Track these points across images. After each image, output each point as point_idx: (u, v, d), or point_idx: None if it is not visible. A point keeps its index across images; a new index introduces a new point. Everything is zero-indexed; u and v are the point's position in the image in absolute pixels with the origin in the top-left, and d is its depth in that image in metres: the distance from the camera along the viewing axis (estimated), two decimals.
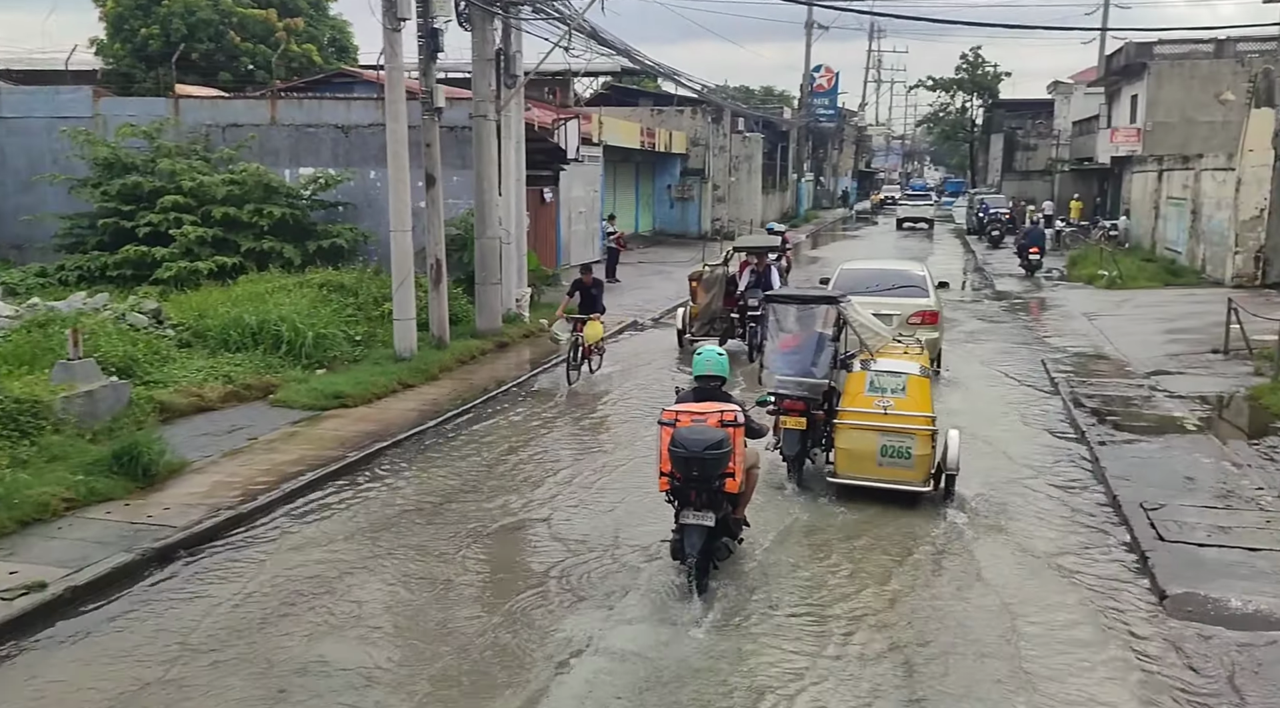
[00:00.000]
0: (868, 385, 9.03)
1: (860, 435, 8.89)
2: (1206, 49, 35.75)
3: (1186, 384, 13.38)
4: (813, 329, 9.55)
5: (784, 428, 9.19)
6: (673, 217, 41.34)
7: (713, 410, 6.93)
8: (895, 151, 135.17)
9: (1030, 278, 29.74)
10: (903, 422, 8.77)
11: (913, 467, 8.74)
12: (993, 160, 65.98)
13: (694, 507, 6.83)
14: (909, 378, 9.01)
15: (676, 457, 6.75)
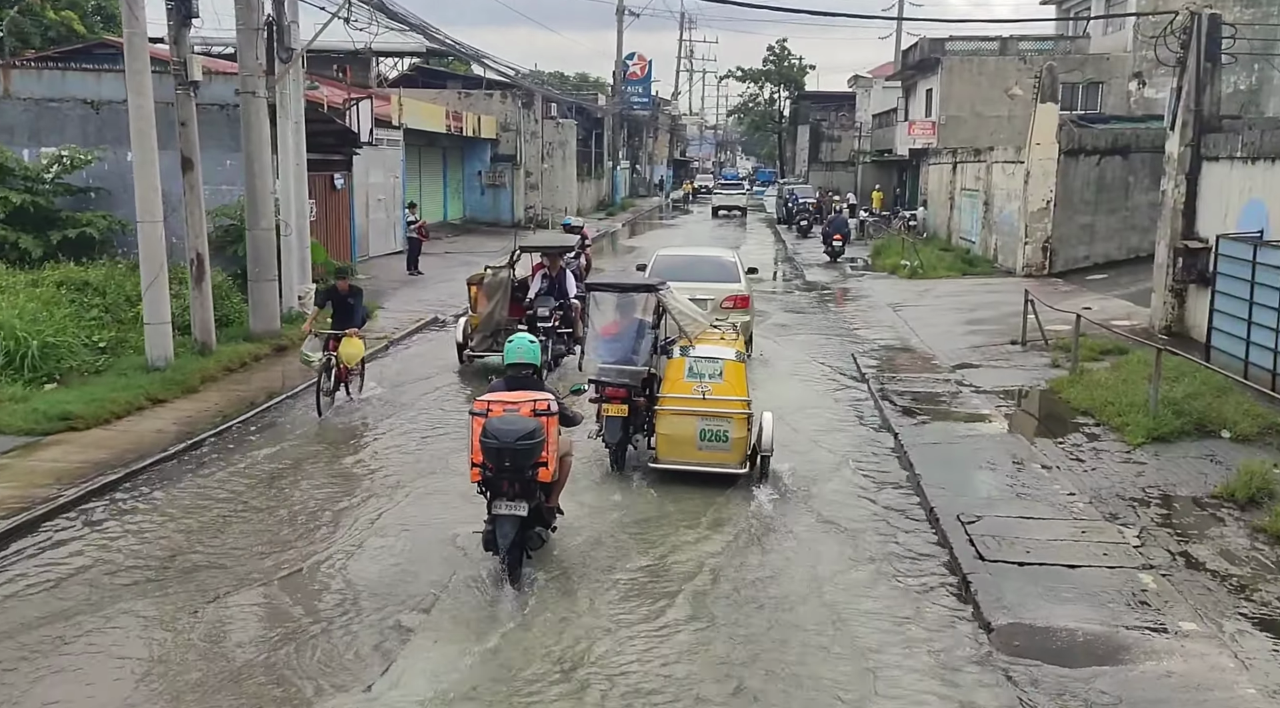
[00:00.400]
0: (687, 371, 9.23)
1: (680, 421, 9.07)
2: (992, 47, 37.46)
3: (990, 378, 13.39)
4: (633, 317, 9.77)
5: (606, 415, 9.27)
6: (484, 204, 39.81)
7: (525, 400, 6.86)
8: (709, 141, 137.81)
9: (835, 264, 30.27)
10: (720, 406, 9.01)
11: (730, 449, 9.01)
12: (800, 151, 67.71)
13: (506, 497, 6.74)
14: (726, 363, 9.27)
15: (488, 447, 6.63)
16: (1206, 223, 15.08)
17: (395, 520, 8.16)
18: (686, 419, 9.04)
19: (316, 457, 10.08)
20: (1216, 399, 10.87)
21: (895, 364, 14.50)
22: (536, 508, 6.92)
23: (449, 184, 37.85)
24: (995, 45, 37.41)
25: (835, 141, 58.09)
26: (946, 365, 14.30)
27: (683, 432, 9.05)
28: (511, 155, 39.36)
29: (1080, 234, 23.30)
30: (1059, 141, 22.79)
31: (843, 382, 13.61)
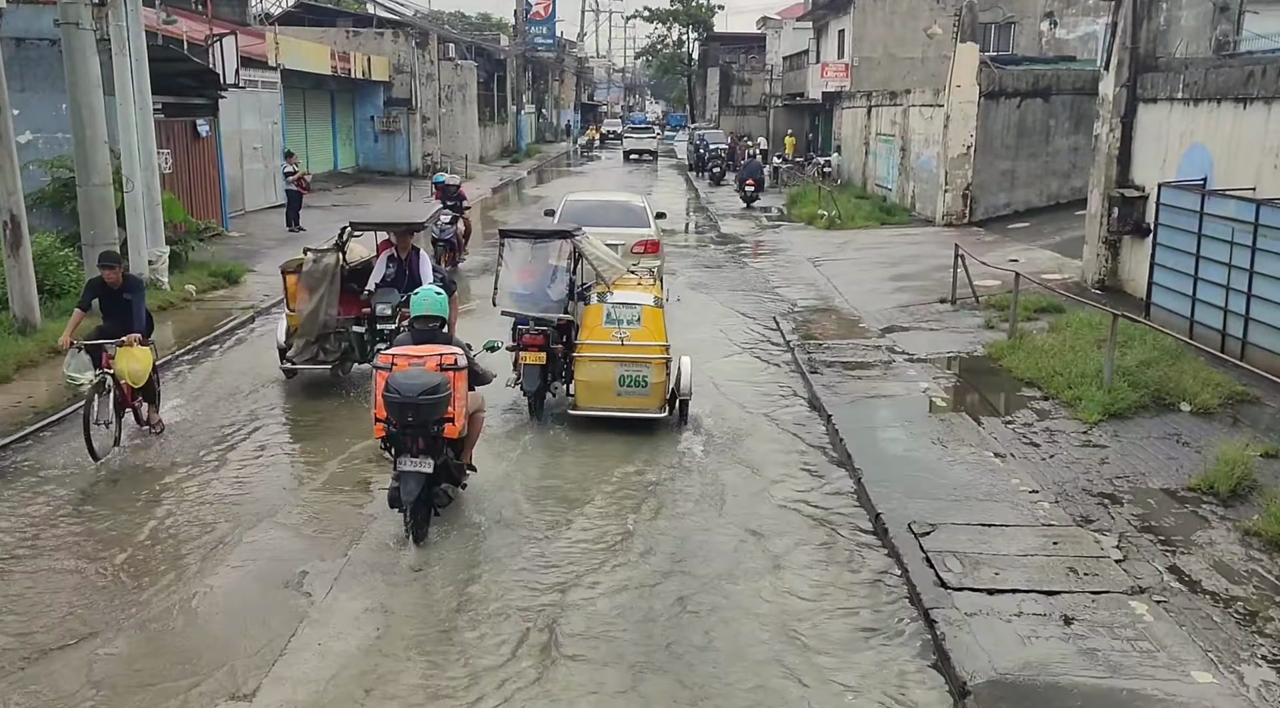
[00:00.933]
0: (605, 317, 9.16)
1: (599, 367, 9.04)
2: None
3: (923, 343, 12.29)
4: (548, 263, 9.50)
5: (524, 364, 9.17)
6: (378, 152, 37.31)
7: (431, 354, 6.72)
8: (617, 84, 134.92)
9: (750, 210, 29.13)
10: (639, 351, 9.01)
11: (649, 394, 9.05)
12: (710, 94, 66.10)
13: (411, 453, 6.54)
14: (644, 309, 9.22)
15: (390, 402, 6.46)
16: (1143, 170, 14.18)
17: None
18: (605, 365, 9.01)
19: (76, 522, 7.08)
20: (1171, 367, 9.94)
21: (821, 329, 13.30)
22: (443, 465, 6.77)
23: (339, 131, 35.26)
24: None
25: (746, 85, 56.61)
26: (875, 329, 13.16)
27: (602, 378, 9.02)
28: (406, 99, 36.85)
29: (1001, 181, 22.45)
30: (979, 83, 21.78)
31: (766, 352, 12.35)
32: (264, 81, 24.63)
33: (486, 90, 52.29)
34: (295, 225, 21.43)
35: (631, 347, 9.01)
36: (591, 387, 9.08)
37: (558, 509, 7.43)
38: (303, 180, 21.46)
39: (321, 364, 10.27)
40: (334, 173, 34.05)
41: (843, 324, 13.65)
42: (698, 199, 33.43)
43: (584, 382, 9.11)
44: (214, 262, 16.10)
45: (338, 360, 10.32)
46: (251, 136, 23.71)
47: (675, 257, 19.77)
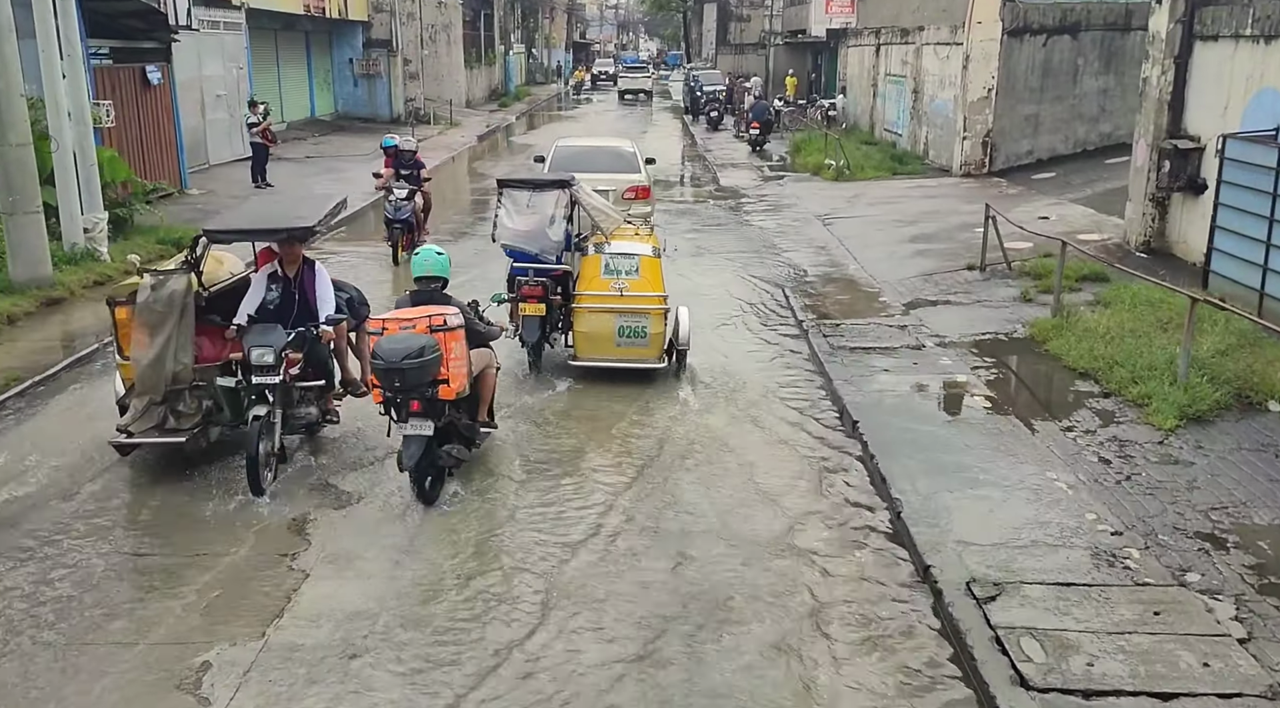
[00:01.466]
0: (603, 268, 9.14)
1: (598, 318, 9.04)
2: None
3: (954, 321, 10.87)
4: (546, 214, 9.26)
5: (523, 315, 9.10)
6: (358, 97, 35.38)
7: (421, 315, 6.56)
8: (610, 22, 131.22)
9: (757, 153, 27.64)
10: (638, 302, 8.99)
11: (648, 345, 9.06)
12: (706, 33, 63.55)
13: (413, 415, 6.45)
14: (642, 259, 9.19)
15: (377, 368, 6.39)
16: (1200, 118, 12.61)
17: None
18: (604, 316, 9.02)
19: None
20: (1252, 355, 8.55)
21: (837, 303, 11.85)
22: (449, 426, 6.70)
23: (315, 75, 33.30)
24: None
25: (745, 22, 54.20)
26: (898, 304, 11.71)
27: (601, 329, 9.04)
28: (387, 41, 34.81)
29: (1024, 127, 20.82)
30: (1002, 19, 20.02)
31: (775, 334, 10.89)
32: (227, 22, 22.78)
33: (473, 30, 50.03)
34: (262, 181, 19.82)
35: (630, 297, 8.99)
36: (591, 338, 9.08)
37: None
38: (268, 132, 19.77)
39: (172, 437, 7.00)
40: (311, 121, 32.23)
41: (860, 297, 12.19)
42: (694, 146, 31.69)
43: (583, 333, 9.10)
44: (164, 226, 14.55)
45: (197, 429, 7.03)
46: (215, 83, 21.95)
47: (671, 215, 18.26)
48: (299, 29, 31.11)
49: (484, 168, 26.10)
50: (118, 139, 15.88)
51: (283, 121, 29.86)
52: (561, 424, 8.21)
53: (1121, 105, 20.55)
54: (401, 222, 13.50)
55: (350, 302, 7.76)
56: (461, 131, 34.13)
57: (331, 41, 34.68)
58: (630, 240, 9.55)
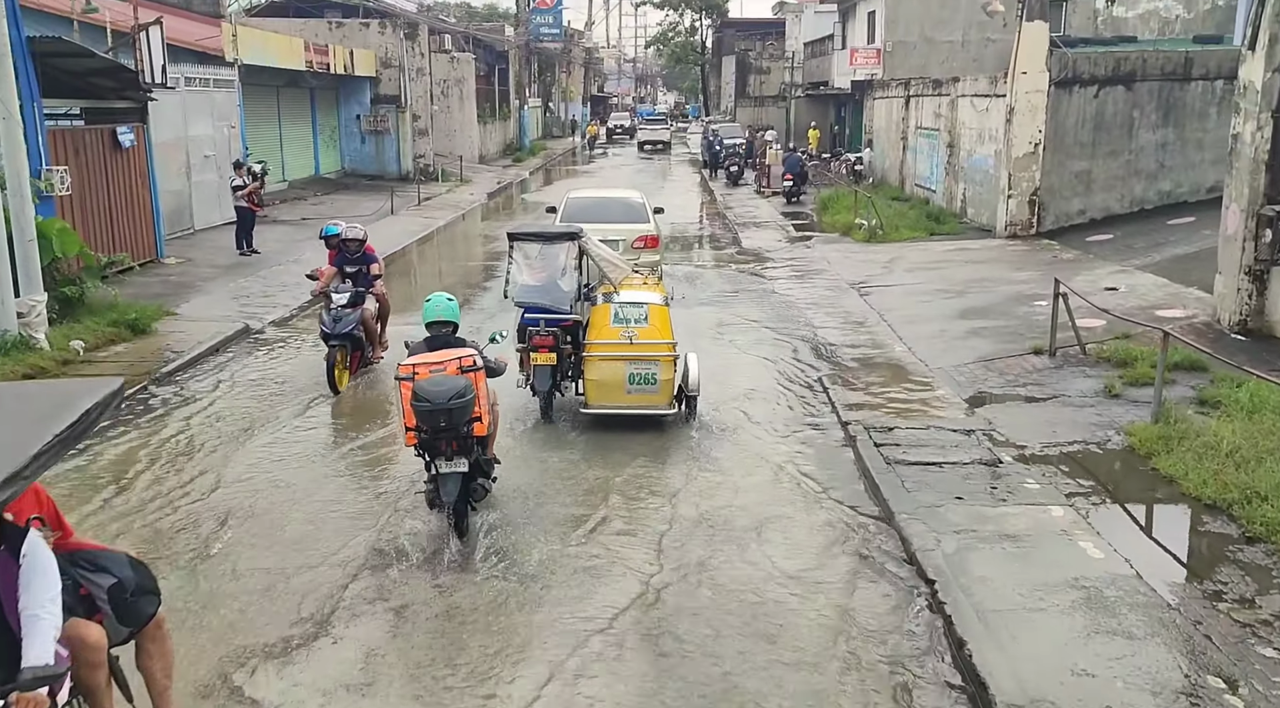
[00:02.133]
0: (613, 317, 9.28)
1: (609, 366, 9.14)
2: None
3: (1030, 424, 9.06)
4: (556, 264, 9.42)
5: (534, 364, 9.21)
6: (366, 154, 34.24)
7: (450, 358, 6.84)
8: (628, 76, 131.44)
9: (792, 202, 26.36)
10: (647, 349, 9.10)
11: (658, 391, 9.15)
12: (725, 85, 62.58)
13: (446, 456, 6.74)
14: (650, 307, 9.37)
15: (421, 411, 6.58)
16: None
17: None
18: (615, 364, 9.13)
19: None
20: None
21: (884, 398, 10.07)
22: (475, 461, 6.96)
23: (320, 132, 32.17)
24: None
25: (764, 74, 53.13)
26: (958, 399, 9.92)
27: (612, 376, 9.14)
28: (395, 96, 33.74)
29: (1074, 184, 19.11)
30: (1049, 69, 18.42)
31: (812, 438, 9.12)
32: (218, 79, 21.52)
33: (487, 84, 49.19)
34: (247, 248, 18.33)
35: (640, 345, 9.10)
36: (602, 385, 9.18)
37: None
38: (255, 195, 18.32)
39: None
40: (315, 179, 31.01)
41: (911, 388, 10.40)
42: (713, 202, 30.17)
43: (594, 380, 9.20)
44: (121, 304, 12.97)
45: None
46: (202, 143, 20.61)
47: (688, 281, 16.67)
48: (303, 85, 30.03)
49: (491, 228, 24.60)
50: (80, 207, 14.43)
51: (284, 180, 28.66)
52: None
53: (1182, 161, 18.89)
54: (341, 337, 10.28)
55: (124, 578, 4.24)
56: (471, 189, 32.83)
57: (339, 98, 33.64)
58: (639, 289, 9.78)
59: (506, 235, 9.78)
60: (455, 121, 42.34)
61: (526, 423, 9.39)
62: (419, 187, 29.95)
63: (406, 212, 25.99)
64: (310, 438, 9.20)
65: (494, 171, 40.12)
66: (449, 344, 7.05)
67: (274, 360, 11.91)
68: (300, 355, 12.05)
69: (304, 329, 13.48)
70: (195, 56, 22.53)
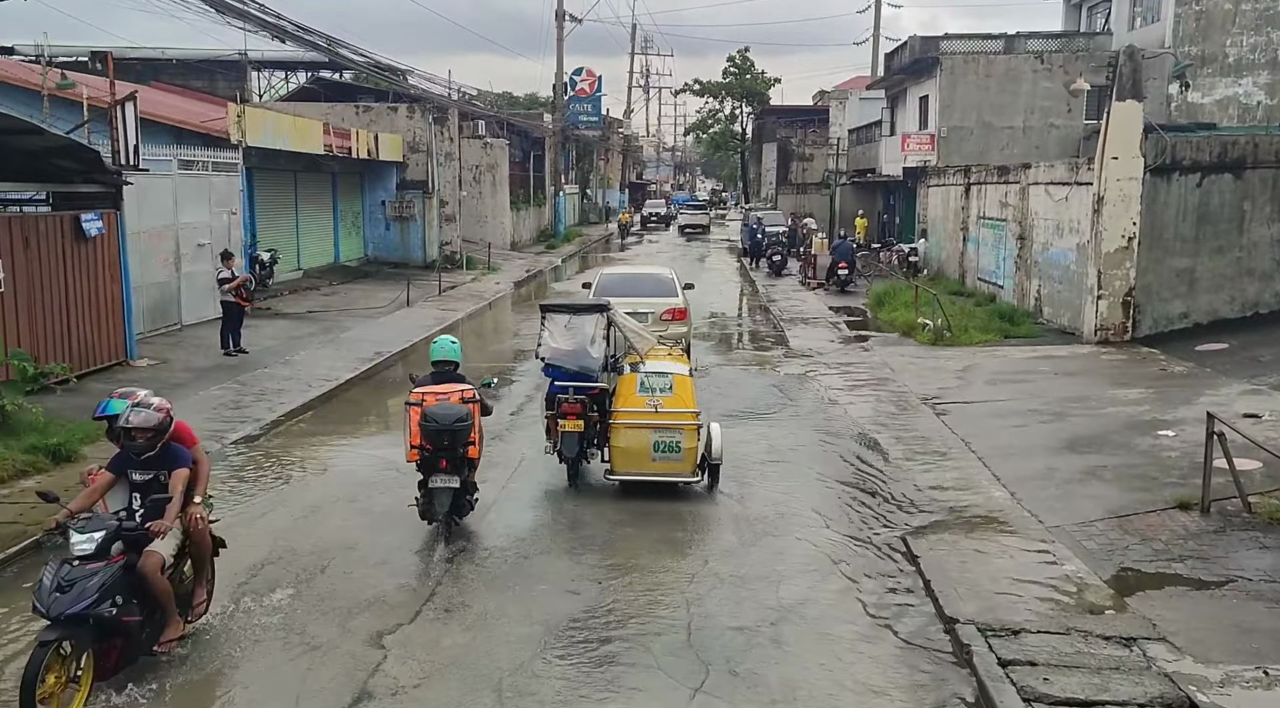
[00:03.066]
0: (639, 386, 9.55)
1: (634, 433, 9.32)
2: (996, 46, 31.12)
3: (1207, 627, 6.51)
4: (586, 333, 9.72)
5: (562, 431, 9.41)
6: (390, 241, 32.65)
7: (454, 390, 8.26)
8: (666, 163, 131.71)
9: (843, 293, 24.21)
10: (672, 418, 9.30)
11: (682, 459, 9.32)
12: (765, 172, 61.20)
13: (442, 472, 8.01)
14: (675, 378, 9.68)
15: (428, 430, 7.90)
16: None
17: None
18: (640, 432, 9.29)
19: None
20: None
21: (993, 574, 7.55)
22: (464, 481, 8.15)
23: (342, 218, 30.63)
24: (998, 45, 31.08)
25: (807, 161, 51.56)
26: (1095, 579, 7.38)
27: (637, 444, 9.31)
28: (423, 181, 32.25)
29: (1175, 283, 16.67)
30: (1144, 154, 16.17)
31: (904, 652, 6.61)
32: (217, 162, 19.89)
33: (522, 170, 48.08)
34: (234, 347, 16.33)
35: (664, 413, 9.30)
36: (627, 452, 9.34)
37: None
38: (243, 289, 16.40)
39: None
40: (333, 267, 29.35)
41: (1027, 560, 7.85)
42: (755, 293, 28.03)
43: (620, 447, 9.36)
44: (55, 421, 10.88)
45: None
46: (197, 231, 18.85)
47: (726, 390, 14.34)
48: (324, 170, 28.59)
49: (515, 322, 22.54)
50: (26, 305, 12.52)
51: (299, 268, 27.02)
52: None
53: None
54: (67, 623, 5.50)
55: None
56: (498, 277, 31.01)
57: (364, 183, 32.22)
58: (664, 360, 10.14)
59: (539, 307, 10.29)
60: (487, 208, 40.99)
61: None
62: (442, 275, 28.16)
63: (425, 303, 24.08)
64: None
65: (525, 259, 38.45)
66: (452, 379, 8.49)
67: (220, 506, 9.67)
68: (252, 499, 9.81)
69: (276, 452, 11.31)
70: (201, 139, 21.05)
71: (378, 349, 17.34)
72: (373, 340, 18.23)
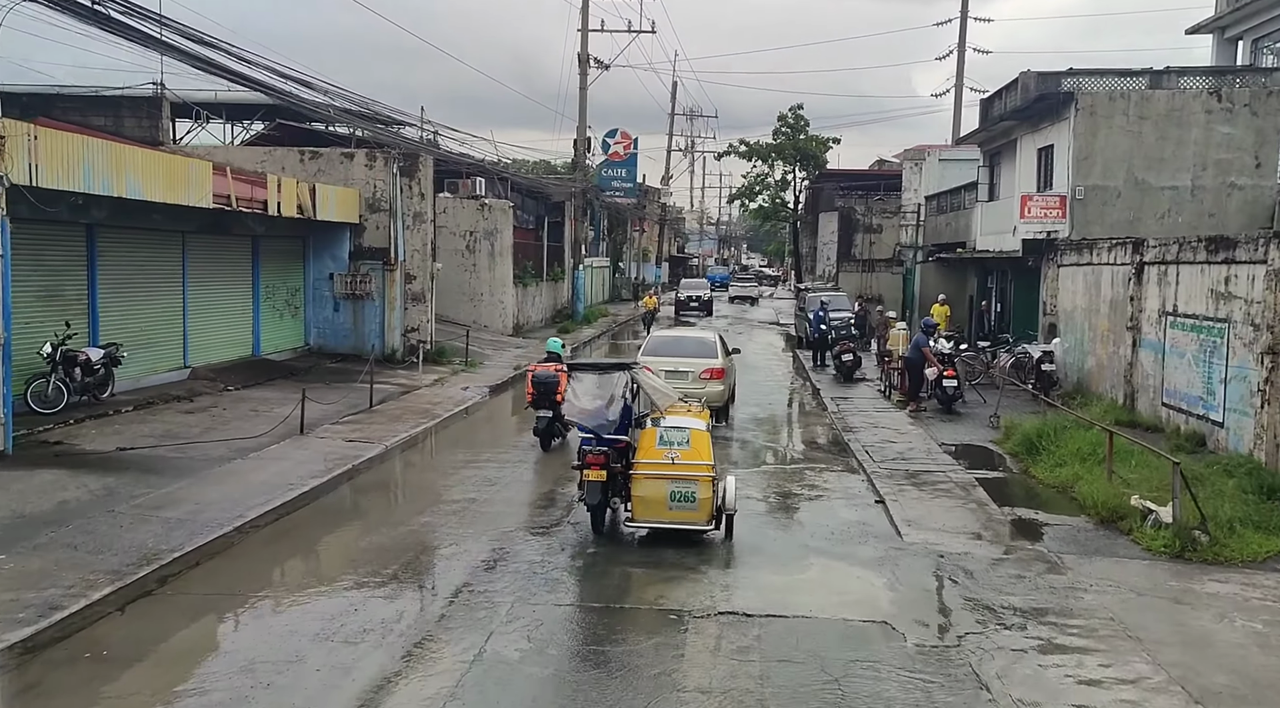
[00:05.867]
0: (658, 440, 10.29)
1: (653, 484, 10.09)
2: (1139, 84, 23.15)
3: None
4: (607, 393, 10.58)
5: (587, 480, 10.35)
6: (340, 326, 25.03)
7: (552, 365, 15.02)
8: (710, 236, 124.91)
9: (949, 412, 16.19)
10: (688, 470, 10.05)
11: (698, 509, 10.05)
12: (823, 246, 53.20)
13: (543, 408, 14.55)
14: (692, 432, 10.36)
15: (536, 382, 14.69)
16: None
17: None
18: (658, 482, 10.05)
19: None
20: None
21: None
22: (554, 414, 14.19)
23: (265, 295, 23.05)
24: (1142, 83, 23.08)
25: (874, 232, 43.49)
26: None
27: (655, 493, 10.06)
28: (384, 249, 24.74)
29: None
30: None
31: None
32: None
33: (536, 239, 40.69)
34: None
35: (681, 465, 10.04)
36: (646, 501, 10.10)
37: None
38: None
39: None
40: (249, 362, 21.71)
41: None
42: (821, 411, 19.81)
43: (639, 496, 10.14)
44: None
45: None
46: None
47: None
48: (236, 231, 21.14)
49: (456, 463, 14.42)
50: None
51: (184, 365, 19.41)
52: None
53: None
54: None
55: None
56: (473, 377, 23.17)
57: (307, 250, 24.79)
58: (683, 416, 10.86)
59: (568, 366, 11.99)
60: (482, 282, 33.52)
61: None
62: (400, 372, 20.39)
63: (336, 424, 16.25)
64: None
65: (526, 347, 30.64)
66: (552, 359, 15.35)
67: None
68: None
69: None
70: None
71: (145, 553, 9.35)
72: (171, 520, 10.31)
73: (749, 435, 17.16)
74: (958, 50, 40.95)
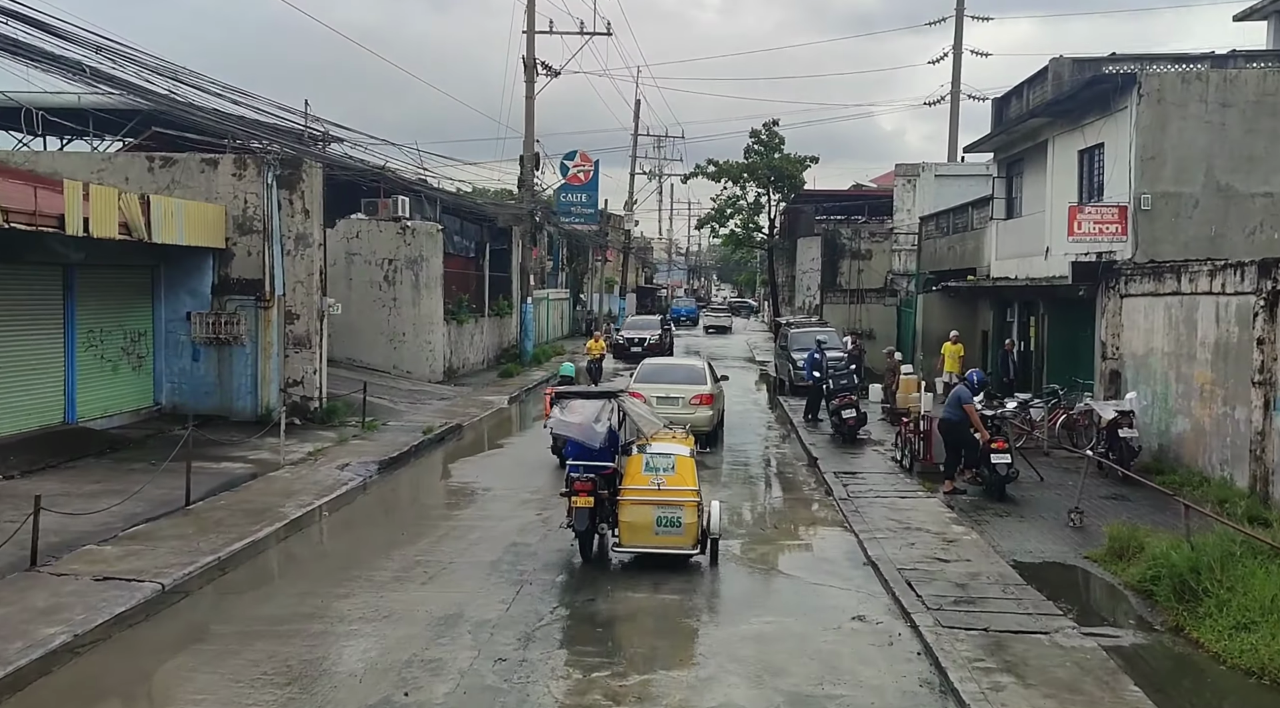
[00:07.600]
0: (644, 466, 10.62)
1: (639, 509, 10.41)
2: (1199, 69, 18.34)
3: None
4: (593, 412, 10.90)
5: (575, 507, 10.51)
6: (201, 380, 19.42)
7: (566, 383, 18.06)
8: (679, 266, 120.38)
9: (1002, 498, 12.37)
10: (674, 495, 10.37)
11: (683, 533, 10.39)
12: (803, 274, 48.16)
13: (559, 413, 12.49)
14: (678, 458, 10.71)
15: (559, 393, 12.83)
16: None
17: None
18: (644, 508, 10.36)
19: None
20: None
21: None
22: None
23: (89, 344, 17.47)
24: (1203, 67, 18.28)
25: (863, 259, 38.40)
26: None
27: (641, 519, 10.37)
28: (257, 281, 19.27)
29: None
30: None
31: None
32: None
33: (475, 269, 35.29)
34: None
35: (667, 491, 10.32)
36: (633, 526, 10.40)
37: None
38: None
39: None
40: (58, 432, 16.13)
41: None
42: (826, 497, 14.48)
43: (626, 522, 10.43)
44: None
45: None
46: None
47: None
48: (34, 260, 15.63)
49: (235, 648, 8.98)
50: None
51: None
52: None
53: None
54: None
55: None
56: (367, 445, 17.70)
57: (156, 283, 19.28)
58: (668, 442, 11.17)
59: (555, 393, 12.22)
60: (405, 320, 28.10)
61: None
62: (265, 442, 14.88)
63: (88, 554, 10.75)
64: None
65: (453, 398, 25.23)
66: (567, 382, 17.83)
67: None
68: None
69: None
70: None
71: None
72: None
73: (727, 543, 11.78)
74: (953, 54, 36.30)
